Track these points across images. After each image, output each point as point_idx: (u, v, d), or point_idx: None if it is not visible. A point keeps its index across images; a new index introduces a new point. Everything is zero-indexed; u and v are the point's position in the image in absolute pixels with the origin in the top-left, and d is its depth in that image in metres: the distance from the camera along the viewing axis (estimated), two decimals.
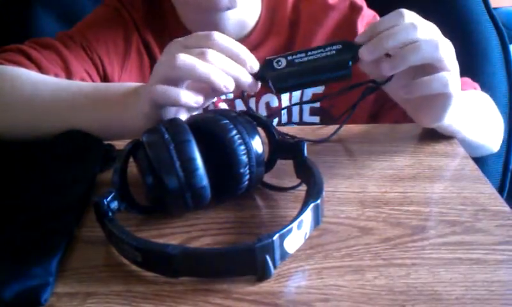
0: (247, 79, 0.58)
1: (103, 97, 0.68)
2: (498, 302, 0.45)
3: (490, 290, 0.46)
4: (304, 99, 0.87)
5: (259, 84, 0.59)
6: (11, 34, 0.99)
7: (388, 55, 0.58)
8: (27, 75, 0.74)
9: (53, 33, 0.86)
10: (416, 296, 0.45)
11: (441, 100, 0.61)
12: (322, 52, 0.59)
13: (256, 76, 0.59)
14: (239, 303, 0.45)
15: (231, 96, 0.87)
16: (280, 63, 0.59)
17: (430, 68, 0.59)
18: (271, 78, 0.59)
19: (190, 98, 0.56)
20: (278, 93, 0.62)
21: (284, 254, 0.47)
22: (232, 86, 0.56)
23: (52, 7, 1.01)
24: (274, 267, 0.47)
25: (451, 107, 0.62)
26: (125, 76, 0.85)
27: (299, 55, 0.59)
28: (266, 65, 0.59)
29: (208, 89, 0.58)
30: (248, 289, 0.46)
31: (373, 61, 0.58)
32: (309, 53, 0.59)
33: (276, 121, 0.88)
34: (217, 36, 0.58)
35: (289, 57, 0.59)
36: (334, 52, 0.58)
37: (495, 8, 0.99)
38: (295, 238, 0.48)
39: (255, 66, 0.58)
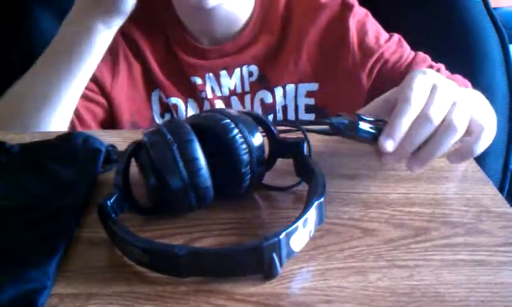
0: None
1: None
2: (502, 304, 0.45)
3: (493, 292, 0.46)
4: (299, 96, 0.88)
5: None
6: (10, 34, 0.98)
7: None
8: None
9: (51, 32, 0.85)
10: (420, 298, 0.45)
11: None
12: None
13: None
14: (242, 304, 0.45)
15: (226, 93, 0.88)
16: None
17: None
18: None
19: None
20: None
21: (290, 253, 0.48)
22: None
23: (49, 6, 1.00)
24: (281, 265, 0.47)
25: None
26: (116, 82, 0.86)
27: None
28: None
29: None
30: (251, 290, 0.46)
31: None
32: None
33: (271, 118, 0.88)
34: None
35: None
36: None
37: (495, 8, 0.99)
38: (300, 236, 0.48)
39: None
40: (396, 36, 0.87)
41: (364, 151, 0.66)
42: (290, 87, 0.87)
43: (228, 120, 0.54)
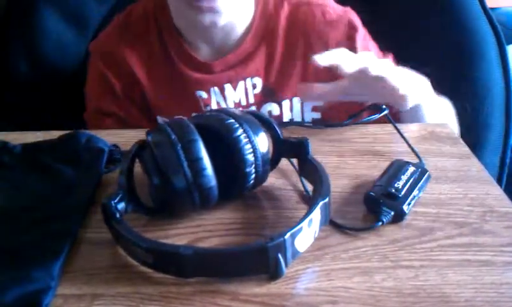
0: None
1: None
2: (508, 304, 0.45)
3: (499, 292, 0.46)
4: (306, 111, 0.88)
5: None
6: (15, 34, 0.98)
7: None
8: None
9: (57, 32, 0.85)
10: (425, 298, 0.45)
11: None
12: None
13: None
14: (247, 305, 0.45)
15: (231, 106, 0.88)
16: None
17: None
18: None
19: None
20: None
21: (295, 253, 0.47)
22: None
23: (56, 7, 1.00)
24: (286, 265, 0.47)
25: None
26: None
27: None
28: None
29: None
30: (256, 291, 0.46)
31: None
32: None
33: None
34: None
35: None
36: None
37: (494, 8, 0.99)
38: (305, 236, 0.48)
39: None
40: (390, 56, 0.88)
41: (368, 151, 0.66)
42: (297, 100, 0.87)
43: (232, 120, 0.54)
